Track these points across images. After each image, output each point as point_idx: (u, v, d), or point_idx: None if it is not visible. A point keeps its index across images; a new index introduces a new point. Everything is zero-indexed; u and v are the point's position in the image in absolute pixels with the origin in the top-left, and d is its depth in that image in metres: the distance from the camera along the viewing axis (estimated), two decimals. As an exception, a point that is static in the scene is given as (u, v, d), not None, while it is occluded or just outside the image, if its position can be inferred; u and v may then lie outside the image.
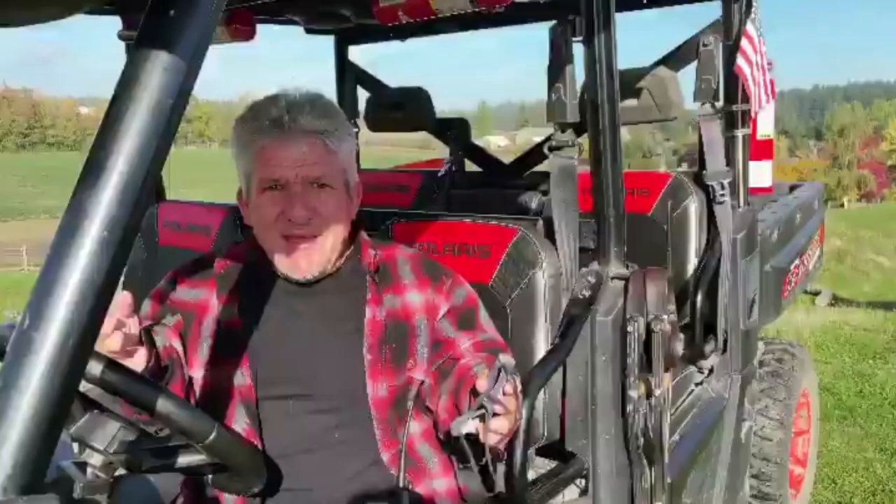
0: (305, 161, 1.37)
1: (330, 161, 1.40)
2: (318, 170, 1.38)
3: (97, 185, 0.78)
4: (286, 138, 1.37)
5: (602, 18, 1.62)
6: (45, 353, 0.73)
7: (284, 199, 1.37)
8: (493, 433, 1.15)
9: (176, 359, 1.41)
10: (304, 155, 1.37)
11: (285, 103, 1.41)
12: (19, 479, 0.72)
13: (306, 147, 1.38)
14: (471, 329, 1.51)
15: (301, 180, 1.37)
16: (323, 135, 1.39)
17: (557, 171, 1.73)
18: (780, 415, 3.00)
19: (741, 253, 2.49)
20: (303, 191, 1.37)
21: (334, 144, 1.40)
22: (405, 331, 1.47)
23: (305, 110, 1.40)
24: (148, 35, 0.82)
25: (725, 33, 2.45)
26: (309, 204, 1.37)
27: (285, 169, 1.37)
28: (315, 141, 1.38)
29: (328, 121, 1.40)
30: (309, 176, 1.37)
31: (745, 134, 2.52)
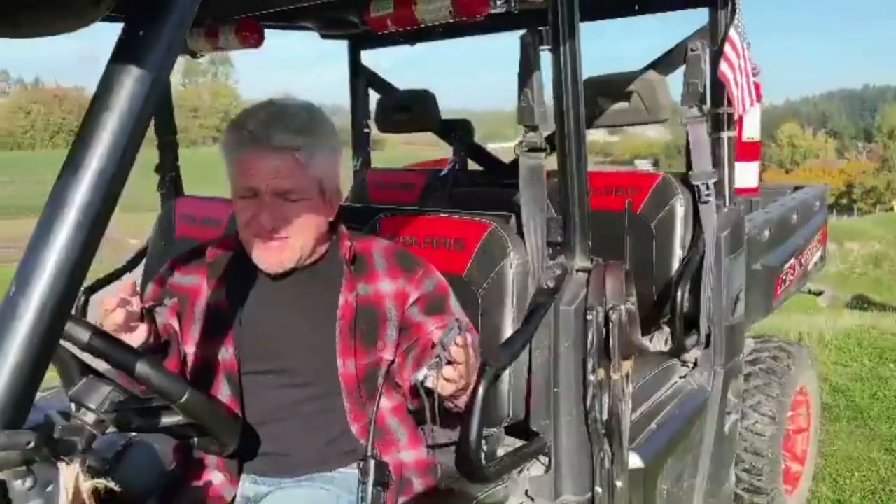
0: (277, 174, 1.51)
1: (300, 174, 1.52)
2: (288, 183, 1.51)
3: (75, 177, 0.94)
4: (260, 152, 1.51)
5: (567, 28, 1.74)
6: (27, 316, 0.90)
7: (256, 207, 1.53)
8: (446, 382, 1.32)
9: (173, 336, 1.59)
10: (275, 169, 1.51)
11: (264, 117, 1.53)
12: (3, 417, 0.88)
13: (278, 161, 1.51)
14: (439, 314, 1.65)
15: (271, 191, 1.51)
16: (295, 151, 1.51)
17: (527, 170, 1.85)
18: (773, 411, 3.07)
19: (726, 251, 2.57)
20: (272, 201, 1.52)
21: (306, 159, 1.52)
22: (375, 315, 1.62)
23: (281, 126, 1.52)
24: (122, 50, 0.98)
25: (711, 39, 2.54)
26: (277, 213, 1.52)
27: (258, 180, 1.51)
28: (287, 156, 1.51)
29: (303, 137, 1.52)
30: (278, 188, 1.51)
31: (730, 136, 2.60)
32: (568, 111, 1.78)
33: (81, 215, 0.93)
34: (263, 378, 1.59)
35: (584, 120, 1.81)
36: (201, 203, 2.69)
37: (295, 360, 1.58)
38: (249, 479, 1.57)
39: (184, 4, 1.00)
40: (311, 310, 1.61)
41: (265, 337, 1.60)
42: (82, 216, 0.93)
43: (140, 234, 4.08)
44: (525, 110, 1.83)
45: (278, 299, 1.62)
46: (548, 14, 1.76)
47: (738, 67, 2.39)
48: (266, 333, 1.60)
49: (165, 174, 2.83)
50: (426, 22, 1.95)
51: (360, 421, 1.59)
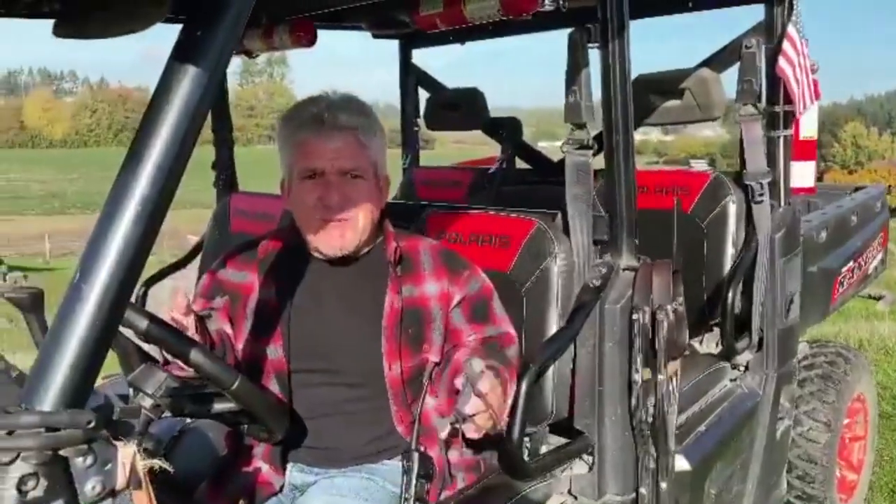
0: (341, 154, 1.57)
1: (362, 154, 1.59)
2: (352, 162, 1.57)
3: (135, 172, 0.98)
4: (324, 133, 1.57)
5: (616, 25, 1.73)
6: (90, 301, 0.94)
7: (321, 187, 1.57)
8: (472, 432, 1.37)
9: (226, 339, 1.64)
10: (339, 148, 1.57)
11: (325, 103, 1.62)
12: (66, 397, 0.93)
13: (342, 142, 1.57)
14: (481, 322, 1.67)
15: (336, 171, 1.57)
16: (356, 130, 1.58)
17: (573, 168, 1.85)
18: (828, 418, 2.98)
19: (780, 252, 2.52)
20: (337, 180, 1.57)
21: (366, 139, 1.59)
22: (421, 317, 1.64)
23: (342, 109, 1.60)
24: (179, 50, 1.02)
25: (767, 35, 2.48)
26: (343, 191, 1.56)
27: (323, 160, 1.57)
28: (349, 136, 1.58)
29: (362, 118, 1.60)
30: (343, 167, 1.57)
31: (786, 135, 2.54)
32: (616, 109, 1.77)
33: (140, 208, 0.97)
34: (311, 376, 1.62)
35: (632, 118, 1.79)
36: (255, 199, 2.76)
37: (342, 361, 1.61)
38: (297, 468, 1.61)
39: (239, 6, 1.04)
40: (357, 308, 1.64)
41: (313, 335, 1.63)
42: (141, 209, 0.97)
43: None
44: (572, 108, 1.82)
45: (327, 296, 1.65)
46: (597, 11, 1.75)
47: (797, 64, 2.33)
48: (314, 332, 1.63)
49: (221, 171, 2.91)
50: (475, 20, 1.96)
51: (406, 421, 1.61)
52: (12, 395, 1.16)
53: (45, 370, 0.93)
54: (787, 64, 2.33)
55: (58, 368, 0.93)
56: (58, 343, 0.94)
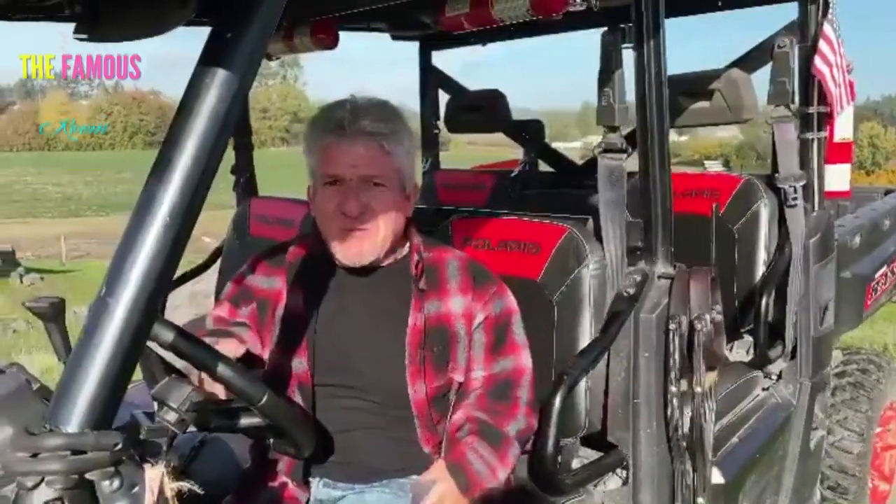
0: (361, 161, 1.51)
1: (385, 162, 1.52)
2: (373, 169, 1.51)
3: (164, 179, 0.94)
4: (346, 139, 1.51)
5: (651, 26, 1.68)
6: (117, 316, 0.90)
7: (341, 194, 1.51)
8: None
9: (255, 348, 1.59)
10: (360, 155, 1.51)
11: (350, 107, 1.55)
12: (92, 417, 0.89)
13: (363, 148, 1.51)
14: (495, 353, 1.58)
15: (357, 178, 1.51)
16: (379, 137, 1.51)
17: (606, 172, 1.79)
18: (861, 427, 2.92)
19: (814, 258, 2.45)
20: (357, 187, 1.51)
21: (390, 147, 1.52)
22: (447, 336, 1.57)
23: (366, 114, 1.53)
24: (209, 54, 0.98)
25: (801, 35, 2.42)
26: (362, 199, 1.50)
27: (343, 167, 1.51)
28: (372, 143, 1.51)
29: (386, 125, 1.53)
30: (364, 174, 1.51)
31: (821, 137, 2.47)
32: (651, 111, 1.71)
33: (169, 219, 0.93)
34: (335, 391, 1.56)
35: (668, 120, 1.74)
36: (275, 203, 2.72)
37: (367, 379, 1.55)
38: (322, 482, 1.56)
39: (269, 10, 1.00)
40: (382, 323, 1.58)
41: (338, 349, 1.57)
42: (170, 220, 0.93)
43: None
44: (605, 110, 1.77)
45: (351, 306, 1.60)
46: (631, 11, 1.69)
47: (834, 64, 2.27)
48: (339, 344, 1.58)
49: (241, 175, 2.88)
50: (503, 21, 1.91)
51: (432, 442, 1.56)
52: (35, 409, 1.12)
53: (70, 388, 0.89)
54: (823, 64, 2.26)
55: (83, 387, 0.89)
56: (84, 360, 0.89)
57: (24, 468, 0.85)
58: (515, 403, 1.55)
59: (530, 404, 1.56)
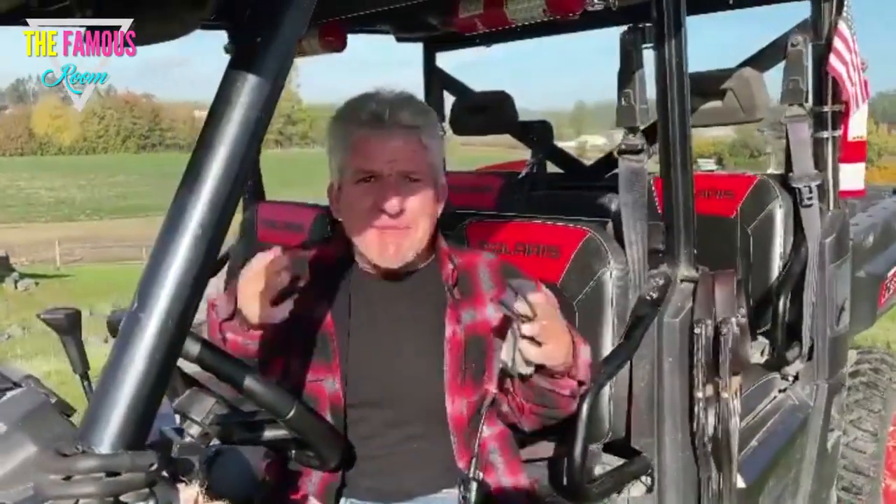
0: (401, 155, 1.44)
1: (423, 156, 1.47)
2: (412, 164, 1.44)
3: (195, 189, 0.90)
4: (384, 132, 1.44)
5: (672, 24, 1.65)
6: (149, 332, 0.87)
7: (378, 191, 1.44)
8: (528, 344, 1.26)
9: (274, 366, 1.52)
10: (399, 149, 1.44)
11: (384, 99, 1.48)
12: (125, 437, 0.85)
13: (402, 142, 1.44)
14: None
15: (396, 173, 1.43)
16: (418, 130, 1.45)
17: (626, 174, 1.77)
18: (875, 427, 2.90)
19: (830, 257, 2.43)
20: (396, 183, 1.44)
21: (427, 140, 1.47)
22: (484, 347, 1.50)
23: (404, 107, 1.47)
24: (239, 59, 0.95)
25: (815, 33, 2.39)
26: (401, 195, 1.43)
27: (381, 162, 1.44)
28: (411, 136, 1.45)
29: (423, 118, 1.48)
30: (403, 169, 1.44)
31: (835, 136, 2.45)
32: (673, 111, 1.69)
33: (200, 231, 0.89)
34: (369, 409, 1.50)
35: (689, 120, 1.71)
36: (282, 208, 2.69)
37: (400, 396, 1.49)
38: (350, 502, 1.51)
39: (298, 12, 0.97)
40: (415, 336, 1.52)
41: (369, 364, 1.50)
42: (201, 232, 0.90)
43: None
44: (626, 111, 1.74)
45: (381, 316, 1.53)
46: (651, 10, 1.67)
47: (850, 63, 2.24)
48: (370, 359, 1.51)
49: (248, 179, 2.84)
50: (518, 22, 1.88)
51: (466, 457, 1.48)
52: (58, 428, 1.09)
53: (102, 407, 0.86)
54: (839, 62, 2.24)
55: (116, 405, 0.85)
56: (116, 378, 0.86)
57: (57, 492, 0.81)
58: None
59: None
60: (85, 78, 1.17)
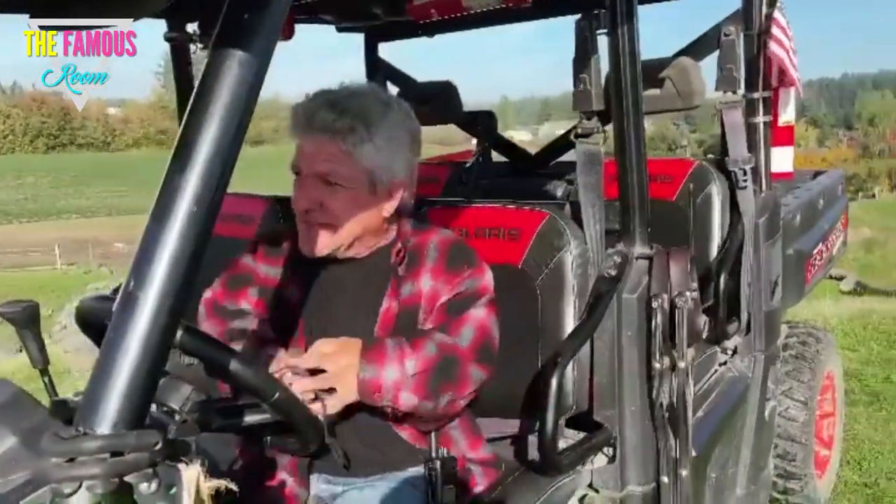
0: (316, 157, 1.46)
1: (342, 160, 1.44)
2: (326, 167, 1.45)
3: (186, 168, 0.90)
4: (304, 134, 1.48)
5: (625, 11, 1.71)
6: (146, 310, 0.86)
7: (298, 187, 1.50)
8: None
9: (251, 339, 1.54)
10: (314, 152, 1.46)
11: (317, 100, 1.48)
12: (125, 418, 0.84)
13: (317, 145, 1.46)
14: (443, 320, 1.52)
15: (312, 173, 1.47)
16: (336, 134, 1.43)
17: (584, 157, 1.82)
18: (805, 396, 3.07)
19: (763, 236, 2.56)
20: (310, 183, 1.47)
21: (351, 146, 1.44)
22: (413, 318, 1.54)
23: (330, 108, 1.45)
24: (225, 35, 0.94)
25: (746, 23, 2.52)
26: (313, 196, 1.46)
27: (301, 161, 1.49)
28: (325, 139, 1.44)
29: (353, 121, 1.43)
30: (317, 171, 1.46)
31: (766, 121, 2.59)
32: (627, 95, 1.75)
33: (196, 207, 0.89)
34: None
35: (642, 104, 1.78)
36: (231, 200, 2.62)
37: None
38: (322, 479, 1.53)
39: None
40: (358, 313, 1.56)
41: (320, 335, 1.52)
42: (196, 208, 0.89)
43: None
44: (582, 95, 1.80)
45: (334, 296, 1.58)
46: (604, -1, 1.73)
47: (789, 49, 2.38)
48: (317, 333, 1.52)
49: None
50: (472, 9, 1.92)
51: (412, 427, 1.53)
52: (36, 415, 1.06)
53: (100, 388, 0.84)
54: (780, 49, 2.37)
55: (115, 385, 0.84)
56: (114, 357, 0.85)
57: (61, 474, 0.79)
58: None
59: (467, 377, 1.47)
60: (85, 78, 1.13)
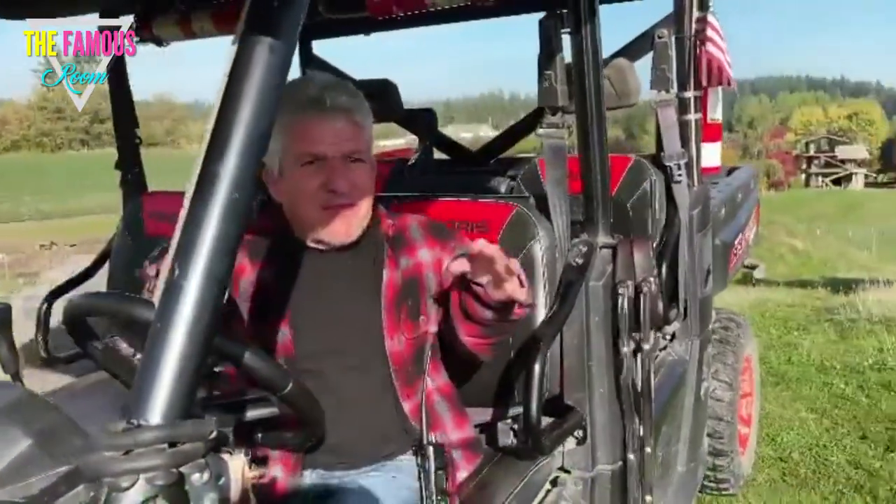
0: (342, 136, 1.49)
1: (361, 136, 1.53)
2: (353, 145, 1.50)
3: (223, 155, 0.89)
4: (326, 115, 1.48)
5: (588, 11, 1.79)
6: (192, 298, 0.85)
7: (325, 173, 1.48)
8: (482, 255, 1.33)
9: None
10: (341, 131, 1.49)
11: (320, 84, 1.53)
12: (175, 407, 0.83)
13: (342, 123, 1.50)
14: None
15: (340, 155, 1.49)
16: (354, 112, 1.51)
17: (550, 151, 1.89)
18: (729, 377, 3.28)
19: (697, 227, 2.72)
20: (341, 164, 1.49)
21: (362, 121, 1.53)
22: (417, 287, 1.62)
23: (340, 89, 1.52)
24: (255, 20, 0.94)
25: (678, 27, 2.67)
26: (347, 176, 1.49)
27: (325, 144, 1.48)
28: (349, 118, 1.50)
29: (357, 100, 1.53)
30: (346, 151, 1.49)
31: (697, 118, 2.75)
32: (590, 92, 1.83)
33: (237, 193, 0.88)
34: (319, 364, 1.54)
35: (604, 100, 1.86)
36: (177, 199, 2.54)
37: (346, 341, 1.56)
38: (316, 473, 1.52)
39: None
40: (357, 289, 1.59)
41: (318, 317, 1.56)
42: (238, 193, 0.88)
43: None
44: (548, 91, 1.86)
45: (327, 277, 1.58)
46: (567, -1, 1.80)
47: (724, 49, 2.54)
48: (318, 313, 1.56)
49: (128, 170, 2.67)
50: (437, 6, 1.94)
51: (411, 399, 1.59)
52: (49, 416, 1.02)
53: (150, 378, 0.82)
54: (716, 49, 2.53)
55: (164, 375, 0.83)
56: (163, 347, 0.83)
57: (118, 468, 0.77)
58: None
59: None
60: (85, 78, 1.08)
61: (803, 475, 3.70)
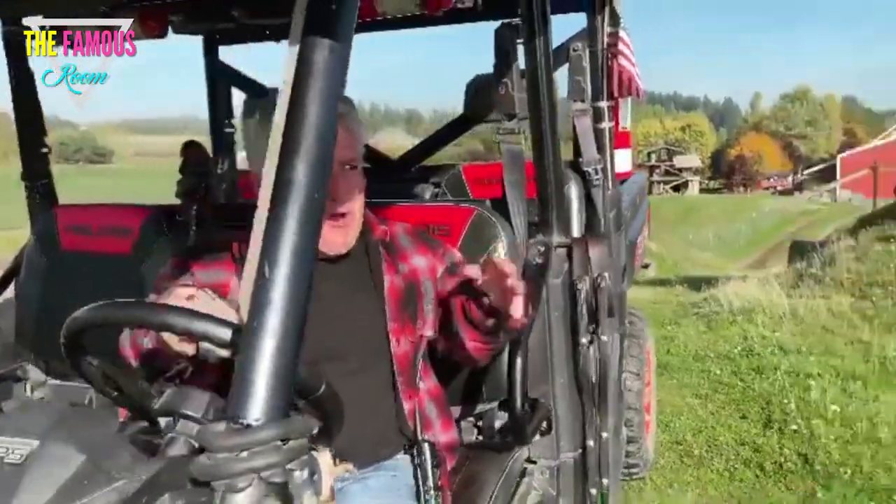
0: (340, 145, 1.46)
1: (352, 142, 1.53)
2: (350, 152, 1.50)
3: (296, 159, 0.90)
4: None
5: (541, 22, 1.89)
6: (283, 295, 0.84)
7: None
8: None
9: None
10: (339, 138, 1.47)
11: None
12: (273, 406, 0.82)
13: (339, 131, 1.47)
14: None
15: (337, 161, 1.46)
16: (346, 118, 1.50)
17: (508, 156, 1.97)
18: (637, 368, 3.52)
19: (613, 228, 2.91)
20: (339, 172, 1.48)
21: (356, 128, 1.54)
22: (415, 292, 1.65)
23: None
24: (314, 24, 0.95)
25: (591, 41, 2.86)
26: (345, 184, 1.48)
27: None
28: (344, 125, 1.47)
29: (348, 106, 1.53)
30: (342, 159, 1.48)
31: (610, 126, 2.94)
32: (544, 100, 1.93)
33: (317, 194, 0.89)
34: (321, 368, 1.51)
35: (557, 108, 1.97)
36: (98, 212, 2.40)
37: (350, 345, 1.56)
38: None
39: None
40: (358, 294, 1.60)
41: (320, 325, 1.51)
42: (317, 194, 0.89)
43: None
44: (505, 99, 1.94)
45: (326, 285, 1.54)
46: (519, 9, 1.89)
47: (633, 62, 2.74)
48: (320, 320, 1.51)
49: (36, 182, 2.47)
50: (387, 14, 1.97)
51: (411, 400, 1.61)
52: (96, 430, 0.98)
53: (249, 378, 0.81)
54: (627, 62, 2.72)
55: (262, 374, 0.82)
56: (259, 346, 0.83)
57: (239, 467, 0.75)
58: None
59: None
60: (85, 78, 1.02)
61: (698, 455, 4.02)
